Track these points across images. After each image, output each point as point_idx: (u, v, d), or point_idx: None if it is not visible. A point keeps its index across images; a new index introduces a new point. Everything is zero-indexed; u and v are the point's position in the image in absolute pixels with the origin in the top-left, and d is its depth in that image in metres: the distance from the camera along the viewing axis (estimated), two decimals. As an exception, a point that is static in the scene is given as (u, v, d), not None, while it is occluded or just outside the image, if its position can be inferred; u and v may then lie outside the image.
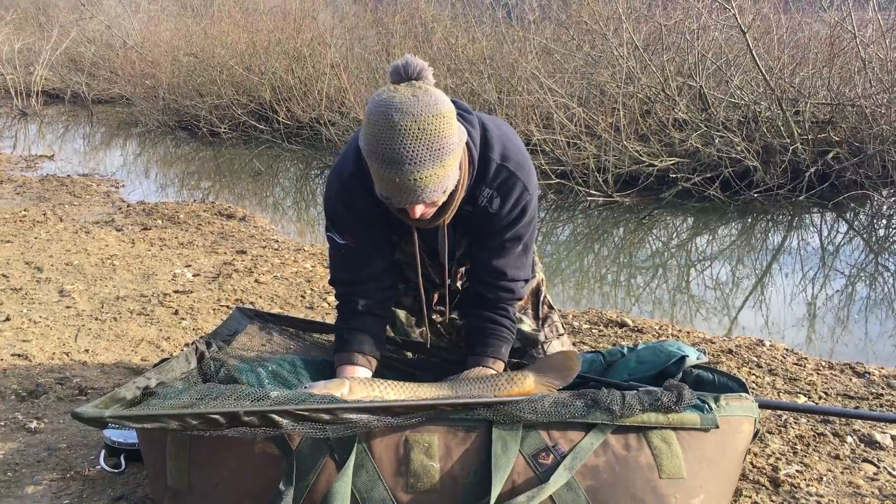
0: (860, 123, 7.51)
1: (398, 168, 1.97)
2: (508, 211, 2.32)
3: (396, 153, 1.96)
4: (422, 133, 1.96)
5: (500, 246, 2.39)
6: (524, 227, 2.39)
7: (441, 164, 2.01)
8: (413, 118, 1.96)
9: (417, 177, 1.99)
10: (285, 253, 5.32)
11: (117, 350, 3.53)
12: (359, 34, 12.29)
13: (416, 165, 1.97)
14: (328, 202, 2.43)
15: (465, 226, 2.40)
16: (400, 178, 1.99)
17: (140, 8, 19.38)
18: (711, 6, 8.13)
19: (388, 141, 1.96)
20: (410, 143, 1.96)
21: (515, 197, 2.31)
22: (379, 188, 2.10)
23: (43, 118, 14.74)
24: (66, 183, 8.01)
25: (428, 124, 1.97)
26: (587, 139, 7.51)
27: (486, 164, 2.28)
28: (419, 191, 2.02)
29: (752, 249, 6.49)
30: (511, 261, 2.43)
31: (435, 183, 2.03)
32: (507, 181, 2.29)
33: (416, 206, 2.08)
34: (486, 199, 2.30)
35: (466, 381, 2.31)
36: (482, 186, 2.30)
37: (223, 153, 11.03)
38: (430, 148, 1.97)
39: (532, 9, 9.93)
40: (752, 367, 3.37)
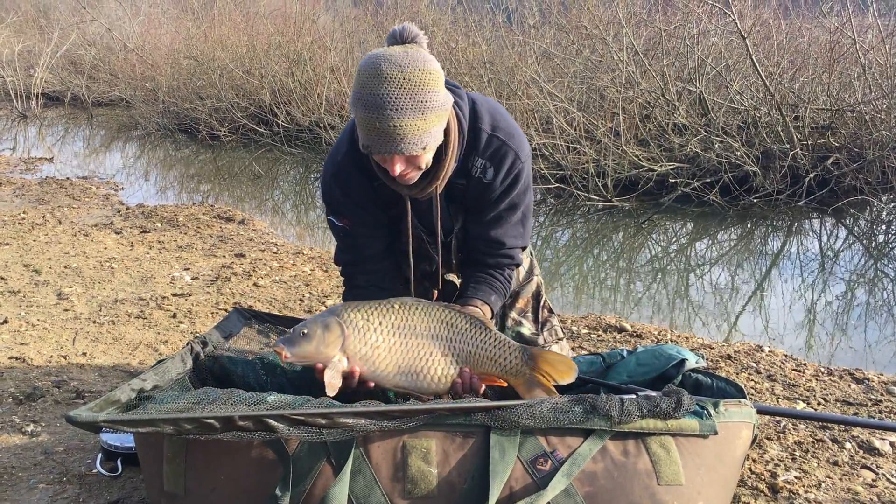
0: (860, 129, 7.51)
1: (379, 112, 2.03)
2: (502, 179, 2.36)
3: (379, 98, 2.03)
4: (406, 82, 2.04)
5: (496, 217, 2.43)
6: (519, 196, 2.42)
7: (422, 117, 2.06)
8: (400, 69, 2.05)
9: (398, 123, 2.03)
10: (284, 256, 5.31)
11: (115, 353, 3.52)
12: (359, 38, 12.30)
13: (397, 112, 2.03)
14: (324, 184, 2.48)
15: (460, 201, 2.44)
16: (380, 123, 2.04)
17: (140, 11, 19.38)
18: (711, 11, 8.14)
19: (373, 87, 2.04)
20: (394, 89, 2.03)
21: (508, 165, 2.36)
22: (362, 138, 2.14)
23: (43, 120, 14.74)
24: (65, 185, 8.00)
25: (413, 76, 2.05)
26: (587, 144, 7.51)
27: (477, 134, 2.33)
28: (398, 139, 2.06)
29: (751, 255, 6.49)
30: (509, 230, 2.46)
31: (415, 134, 2.07)
32: (499, 150, 2.35)
33: (395, 159, 2.12)
34: (480, 170, 2.35)
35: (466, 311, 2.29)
36: (474, 157, 2.34)
37: (223, 156, 11.02)
38: (412, 97, 2.04)
39: (532, 13, 9.94)
40: (750, 372, 3.36)
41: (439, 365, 2.20)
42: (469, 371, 2.20)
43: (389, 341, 2.17)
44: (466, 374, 2.19)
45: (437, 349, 2.20)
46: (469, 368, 2.20)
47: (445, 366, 2.21)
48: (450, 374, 2.21)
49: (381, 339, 2.17)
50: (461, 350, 2.22)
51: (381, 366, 2.18)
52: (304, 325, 2.17)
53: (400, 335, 2.18)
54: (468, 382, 2.19)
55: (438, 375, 2.20)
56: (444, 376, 2.21)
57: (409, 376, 2.20)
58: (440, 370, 2.20)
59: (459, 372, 2.20)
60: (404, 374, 2.19)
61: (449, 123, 2.23)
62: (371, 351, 2.16)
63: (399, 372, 2.19)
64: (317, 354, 2.13)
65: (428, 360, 2.19)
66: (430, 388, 2.21)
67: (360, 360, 2.16)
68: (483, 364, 2.23)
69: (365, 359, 2.16)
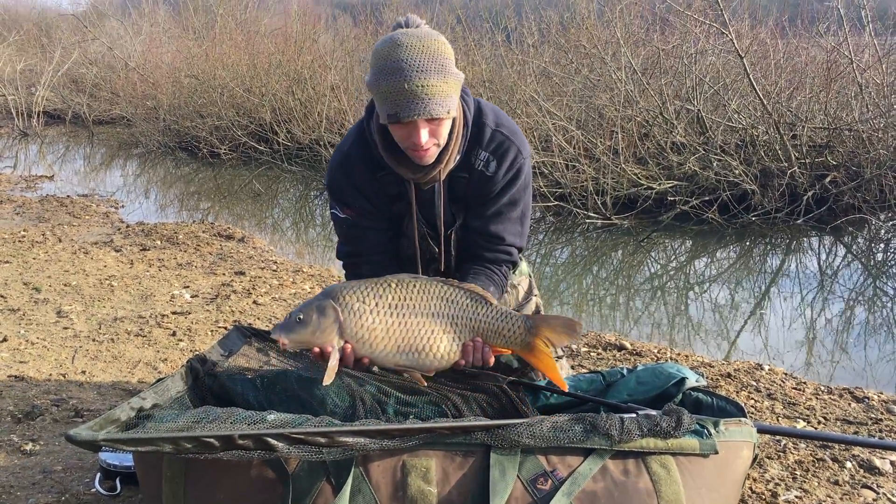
0: (857, 148, 7.55)
1: (405, 75, 2.13)
2: (504, 173, 2.43)
3: (403, 62, 2.14)
4: (425, 48, 2.16)
5: (497, 212, 2.48)
6: (519, 192, 2.48)
7: (444, 80, 2.17)
8: (417, 38, 2.18)
9: (424, 83, 2.13)
10: (284, 274, 5.31)
11: (114, 371, 3.51)
12: (359, 56, 12.37)
13: (422, 73, 2.13)
14: (329, 174, 2.54)
15: (462, 196, 2.49)
16: (408, 84, 2.12)
17: (142, 30, 19.50)
18: (709, 31, 8.19)
19: (395, 56, 2.15)
20: (415, 54, 2.15)
21: (511, 159, 2.43)
22: (387, 108, 2.19)
23: (44, 138, 14.79)
24: (65, 203, 8.02)
25: (430, 44, 2.18)
26: (586, 162, 7.54)
27: (481, 129, 2.41)
28: (426, 99, 2.14)
29: (750, 273, 6.49)
30: (508, 226, 2.51)
31: (440, 95, 2.16)
32: (502, 144, 2.42)
33: (420, 127, 2.19)
34: (483, 163, 2.42)
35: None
36: (478, 150, 2.41)
37: (223, 174, 11.05)
38: (434, 61, 2.16)
39: (531, 33, 10.01)
40: (750, 391, 3.36)
41: (442, 342, 2.21)
42: (479, 341, 2.22)
43: (387, 322, 2.17)
44: (469, 348, 2.21)
45: (437, 326, 2.20)
46: (479, 339, 2.22)
47: (448, 342, 2.21)
48: (454, 349, 2.22)
49: (378, 321, 2.17)
50: (463, 325, 2.22)
51: (378, 347, 2.18)
52: (300, 310, 2.17)
53: (397, 315, 2.18)
54: (479, 353, 2.22)
55: (442, 352, 2.21)
56: (448, 352, 2.22)
57: (410, 355, 2.20)
58: (443, 347, 2.21)
59: (463, 347, 2.21)
60: (404, 354, 2.20)
61: (457, 111, 2.31)
62: (368, 333, 2.17)
63: (399, 352, 2.19)
64: (313, 339, 2.14)
65: (430, 337, 2.20)
66: (434, 365, 2.22)
67: (358, 343, 2.17)
68: (487, 337, 2.24)
69: (362, 341, 2.17)
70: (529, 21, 10.35)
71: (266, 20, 19.62)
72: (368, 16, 12.84)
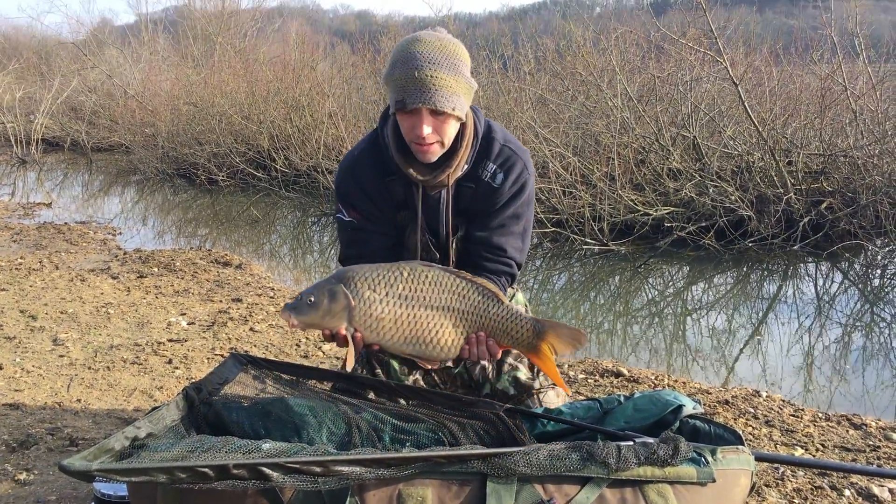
0: (852, 174, 7.58)
1: (416, 64, 2.26)
2: (510, 186, 2.50)
3: (418, 54, 2.27)
4: (441, 46, 2.31)
5: (500, 224, 2.54)
6: (523, 206, 2.54)
7: (454, 77, 2.29)
8: (436, 37, 2.34)
9: (433, 74, 2.25)
10: (281, 301, 5.31)
11: (110, 400, 3.50)
12: (357, 84, 12.46)
13: (432, 64, 2.26)
14: (338, 176, 2.61)
15: (467, 207, 2.54)
16: (418, 73, 2.25)
17: (141, 58, 19.63)
18: (703, 59, 8.26)
19: (411, 48, 2.29)
20: (430, 49, 2.28)
21: (517, 173, 2.51)
22: (396, 95, 2.30)
23: (42, 166, 14.82)
24: (63, 230, 8.02)
25: (447, 45, 2.32)
26: (582, 188, 7.56)
27: (490, 143, 2.51)
28: (433, 89, 2.25)
29: (747, 298, 6.49)
30: (511, 240, 2.55)
31: (447, 89, 2.27)
32: (509, 158, 2.51)
33: (425, 116, 2.28)
34: (490, 174, 2.50)
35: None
36: (486, 162, 2.50)
37: (221, 201, 11.07)
38: (447, 57, 2.29)
39: (528, 60, 10.09)
40: (748, 418, 3.35)
41: (450, 336, 2.23)
42: (483, 335, 2.25)
43: (396, 312, 2.20)
44: (473, 340, 2.25)
45: (447, 320, 2.22)
46: (483, 334, 2.25)
47: (456, 336, 2.24)
48: (461, 343, 2.25)
49: (387, 311, 2.20)
50: (472, 321, 2.24)
51: (386, 336, 2.21)
52: (311, 291, 2.19)
53: (407, 306, 2.20)
54: (484, 346, 2.26)
55: (449, 345, 2.24)
56: (455, 346, 2.25)
57: (417, 346, 2.23)
58: (451, 340, 2.24)
59: (467, 339, 2.25)
60: (411, 344, 2.23)
61: (466, 119, 2.42)
62: (376, 322, 2.20)
63: (406, 342, 2.22)
64: (322, 323, 2.18)
65: (438, 330, 2.22)
66: (440, 356, 2.26)
67: (367, 330, 2.20)
68: (495, 335, 2.26)
69: (371, 329, 2.20)
70: (526, 49, 10.44)
71: (265, 48, 19.77)
72: (366, 44, 12.93)
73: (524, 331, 2.26)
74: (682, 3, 9.62)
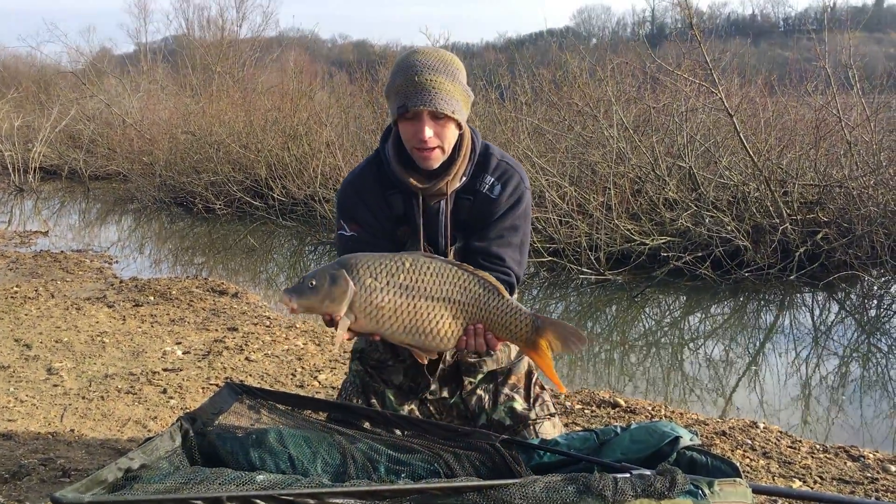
0: (848, 205, 7.61)
1: (416, 70, 2.38)
2: (508, 197, 2.56)
3: (417, 62, 2.40)
4: (439, 56, 2.45)
5: (499, 235, 2.57)
6: (520, 218, 2.59)
7: (452, 82, 2.40)
8: (432, 48, 2.50)
9: (433, 78, 2.37)
10: (277, 330, 5.29)
11: (104, 430, 3.48)
12: (354, 113, 12.53)
13: (431, 70, 2.38)
14: (340, 191, 2.68)
15: (465, 219, 2.58)
16: (418, 77, 2.36)
17: (140, 87, 19.74)
18: (699, 90, 8.33)
19: (411, 58, 2.42)
20: (429, 58, 2.42)
21: (514, 186, 2.58)
22: (398, 101, 2.40)
23: (39, 194, 14.85)
24: (59, 259, 8.01)
25: (444, 55, 2.47)
26: (579, 217, 7.59)
27: (488, 158, 2.60)
28: (433, 92, 2.36)
29: (744, 329, 6.49)
30: (509, 251, 2.57)
31: (446, 93, 2.38)
32: (506, 171, 2.59)
33: (425, 120, 2.37)
34: (488, 187, 2.57)
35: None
36: (483, 175, 2.57)
37: (218, 229, 11.09)
38: (444, 64, 2.42)
39: (524, 90, 10.17)
40: (746, 449, 3.33)
41: (450, 327, 2.24)
42: (480, 327, 2.27)
43: (396, 302, 2.21)
44: (471, 331, 2.27)
45: (447, 311, 2.24)
46: (481, 326, 2.27)
47: (456, 328, 2.26)
48: (458, 334, 2.26)
49: (388, 300, 2.21)
50: (472, 314, 2.25)
51: (386, 324, 2.22)
52: (313, 275, 2.21)
53: (408, 296, 2.21)
54: (482, 339, 2.28)
55: (449, 337, 2.25)
56: (455, 338, 2.26)
57: (416, 336, 2.24)
58: (450, 332, 2.25)
59: (465, 330, 2.27)
60: (410, 333, 2.24)
61: (464, 132, 2.53)
62: (376, 311, 2.21)
63: (405, 331, 2.23)
64: (322, 307, 2.19)
65: (438, 322, 2.23)
66: (439, 347, 2.28)
67: (366, 318, 2.21)
68: (494, 329, 2.27)
69: (371, 316, 2.21)
70: (522, 79, 10.53)
71: (263, 77, 19.92)
72: (364, 73, 13.02)
73: (523, 326, 2.27)
74: (678, 35, 9.74)
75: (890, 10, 59.76)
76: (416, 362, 2.67)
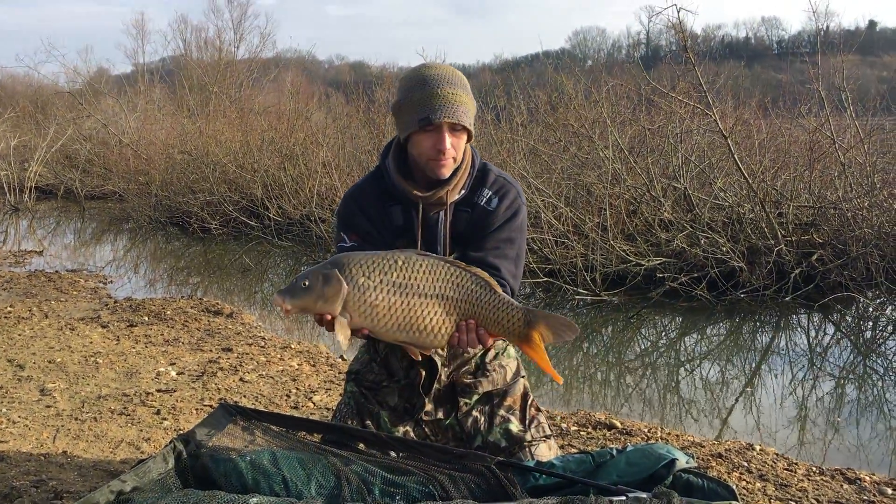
0: (842, 226, 7.63)
1: (436, 83, 2.45)
2: (505, 210, 2.62)
3: (434, 76, 2.47)
4: (449, 69, 2.54)
5: (495, 246, 2.60)
6: (516, 231, 2.64)
7: (467, 95, 2.50)
8: (441, 64, 2.59)
9: (453, 91, 2.45)
10: (271, 351, 5.27)
11: (96, 451, 3.45)
12: (351, 133, 12.58)
13: (450, 84, 2.47)
14: (341, 204, 2.72)
15: (463, 231, 2.62)
16: (440, 90, 2.44)
17: (137, 107, 19.78)
18: (693, 112, 8.37)
19: (424, 73, 2.49)
20: (442, 71, 2.50)
21: (511, 199, 2.64)
22: (420, 113, 2.45)
23: (35, 213, 14.83)
24: (53, 278, 7.99)
25: (452, 69, 2.55)
26: (575, 238, 7.60)
27: (486, 174, 2.67)
28: (455, 105, 2.44)
29: (740, 350, 6.48)
30: (505, 263, 2.60)
31: (464, 106, 2.47)
32: (504, 186, 2.66)
33: (445, 131, 2.44)
34: (486, 200, 2.63)
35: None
36: (482, 189, 2.64)
37: (213, 249, 11.07)
38: (458, 77, 2.51)
39: (520, 112, 10.21)
40: (742, 471, 3.31)
41: (444, 324, 2.26)
42: (473, 323, 2.29)
43: (389, 300, 2.22)
44: (463, 327, 2.29)
45: (440, 308, 2.25)
46: (473, 321, 2.28)
47: (450, 324, 2.27)
48: (451, 329, 2.28)
49: (381, 298, 2.21)
50: (465, 310, 2.27)
51: (379, 323, 2.23)
52: (306, 276, 2.21)
53: (401, 294, 2.22)
54: (474, 334, 2.30)
55: (442, 333, 2.27)
56: (447, 333, 2.28)
57: (410, 333, 2.25)
58: (444, 328, 2.26)
59: (457, 326, 2.28)
60: (404, 331, 2.25)
61: (465, 147, 2.59)
62: (370, 309, 2.21)
63: (399, 329, 2.24)
64: (315, 307, 2.20)
65: (431, 318, 2.24)
66: (433, 344, 2.29)
67: (360, 317, 2.22)
68: (486, 324, 2.29)
69: (364, 315, 2.22)
70: (518, 100, 10.59)
71: (260, 98, 19.99)
72: (361, 94, 13.09)
73: (515, 320, 2.29)
74: (672, 58, 9.81)
75: (882, 33, 60.35)
76: (412, 383, 2.66)
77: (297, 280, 2.21)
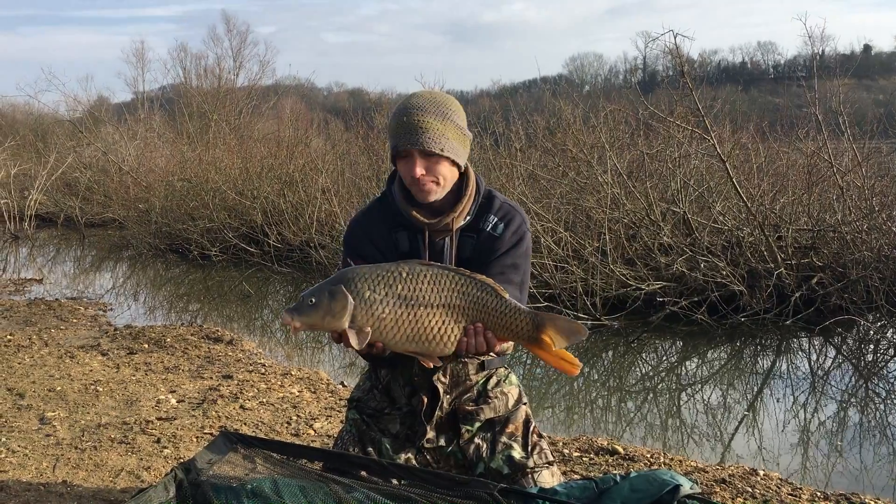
0: (842, 249, 7.65)
1: (406, 112, 2.49)
2: (510, 236, 2.65)
3: (410, 105, 2.52)
4: (432, 97, 2.56)
5: (500, 272, 2.60)
6: (521, 258, 2.67)
7: (441, 121, 2.49)
8: (428, 91, 2.65)
9: (420, 118, 2.47)
10: (272, 377, 5.26)
11: (96, 480, 3.43)
12: (350, 160, 12.62)
13: (420, 111, 2.49)
14: (348, 229, 2.76)
15: (468, 257, 2.63)
16: (406, 118, 2.48)
17: (137, 135, 19.87)
18: (691, 136, 8.41)
19: (405, 102, 2.55)
20: (420, 100, 2.53)
21: (517, 225, 2.68)
22: (392, 143, 2.53)
23: (35, 241, 14.85)
24: (53, 306, 7.98)
25: (438, 95, 2.60)
26: (574, 263, 7.60)
27: (491, 200, 2.71)
28: (420, 132, 2.45)
29: (741, 374, 6.47)
30: (510, 288, 2.56)
31: (434, 131, 2.47)
32: (509, 212, 2.70)
33: (416, 158, 2.47)
34: (491, 226, 2.66)
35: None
36: (487, 215, 2.67)
37: (213, 276, 11.07)
38: (435, 106, 2.52)
39: (518, 137, 10.26)
40: (746, 497, 3.30)
41: (452, 332, 2.28)
42: (480, 326, 2.30)
43: (396, 312, 2.23)
44: (471, 331, 2.30)
45: (448, 316, 2.26)
46: (480, 325, 2.30)
47: (458, 332, 2.28)
48: (459, 337, 2.30)
49: (388, 311, 2.23)
50: (472, 317, 2.28)
51: (389, 335, 2.25)
52: (312, 293, 2.23)
53: (407, 305, 2.24)
54: (482, 338, 2.30)
55: (452, 341, 2.28)
56: (455, 341, 2.29)
57: (420, 343, 2.27)
58: (453, 336, 2.28)
59: (465, 330, 2.29)
60: (413, 342, 2.27)
61: (469, 172, 2.65)
62: (378, 322, 2.23)
63: (408, 340, 2.26)
64: (323, 324, 2.21)
65: (440, 327, 2.26)
66: (444, 353, 2.31)
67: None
68: (494, 329, 2.30)
69: (372, 329, 2.23)
70: (517, 126, 10.64)
71: (259, 125, 20.09)
72: (360, 120, 13.16)
73: (523, 324, 2.30)
74: (669, 82, 9.88)
75: (878, 57, 60.86)
76: (413, 410, 2.65)
77: (304, 297, 2.23)
